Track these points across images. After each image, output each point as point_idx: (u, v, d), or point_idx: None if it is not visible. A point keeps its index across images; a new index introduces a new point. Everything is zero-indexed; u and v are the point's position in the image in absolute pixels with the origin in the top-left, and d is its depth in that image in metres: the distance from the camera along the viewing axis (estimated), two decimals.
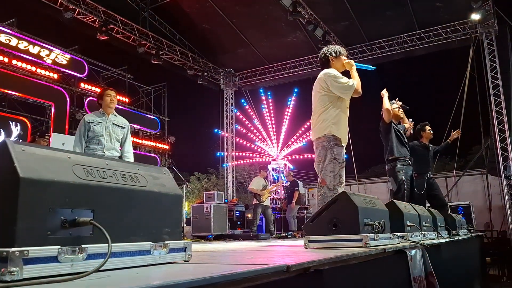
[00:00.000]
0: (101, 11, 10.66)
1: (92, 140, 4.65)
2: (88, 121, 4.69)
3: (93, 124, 4.69)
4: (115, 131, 4.81)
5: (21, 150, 1.26)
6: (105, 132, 4.70)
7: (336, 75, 3.81)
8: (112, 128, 4.78)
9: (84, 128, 4.67)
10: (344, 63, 3.96)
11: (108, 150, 4.69)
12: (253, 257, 2.24)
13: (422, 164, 6.31)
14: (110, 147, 4.72)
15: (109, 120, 4.79)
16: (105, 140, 4.68)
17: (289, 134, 19.90)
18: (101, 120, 4.75)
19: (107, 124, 4.76)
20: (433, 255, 3.20)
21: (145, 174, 1.67)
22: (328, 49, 4.05)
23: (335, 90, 3.79)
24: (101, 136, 4.67)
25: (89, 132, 4.66)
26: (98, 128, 4.68)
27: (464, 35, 11.59)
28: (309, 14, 11.05)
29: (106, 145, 4.66)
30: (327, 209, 2.85)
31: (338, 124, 3.77)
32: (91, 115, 4.83)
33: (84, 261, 1.28)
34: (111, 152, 4.71)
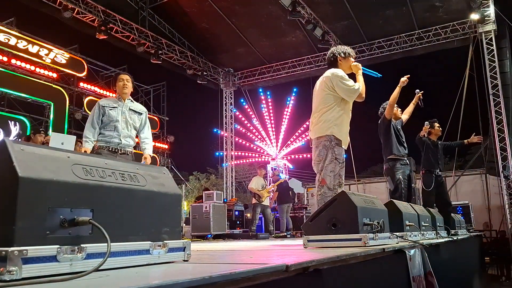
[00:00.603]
0: (100, 10, 10.64)
1: (107, 126, 4.30)
2: (103, 105, 4.34)
3: (108, 109, 4.32)
4: (132, 117, 4.47)
5: (20, 149, 1.26)
6: (121, 118, 4.36)
7: (344, 76, 3.80)
8: (128, 114, 4.43)
9: (98, 112, 4.31)
10: (351, 65, 3.95)
11: (125, 137, 4.36)
12: (252, 256, 2.24)
13: (431, 160, 6.31)
14: (127, 135, 4.38)
15: (125, 106, 4.45)
16: (121, 126, 4.35)
17: (288, 134, 19.91)
18: (116, 105, 4.40)
19: (123, 109, 4.41)
20: (432, 255, 3.20)
21: (144, 173, 1.67)
22: (337, 49, 4.04)
23: (340, 92, 3.77)
24: (117, 121, 4.33)
25: (104, 117, 4.31)
26: (114, 113, 4.33)
27: (463, 35, 11.59)
28: (308, 14, 11.05)
29: (122, 132, 4.33)
30: (326, 209, 2.86)
31: (340, 126, 3.77)
32: (106, 100, 4.49)
33: (83, 260, 1.28)
34: (127, 140, 4.39)
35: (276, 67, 14.34)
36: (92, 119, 4.32)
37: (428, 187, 6.17)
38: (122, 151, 4.33)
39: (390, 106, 5.36)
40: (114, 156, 4.20)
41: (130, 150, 4.44)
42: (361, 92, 3.78)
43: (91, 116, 4.34)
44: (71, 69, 11.05)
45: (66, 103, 10.84)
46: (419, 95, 5.87)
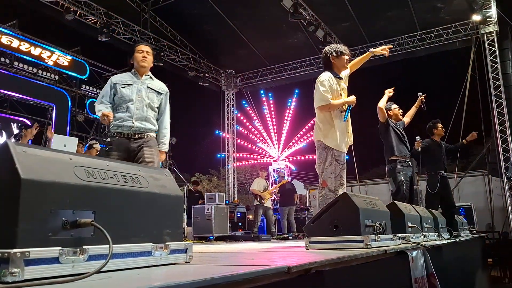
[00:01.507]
0: (102, 12, 10.67)
1: (119, 108, 3.67)
2: (115, 82, 3.72)
3: (120, 86, 3.69)
4: (150, 96, 3.76)
5: (22, 151, 1.26)
6: (136, 97, 3.68)
7: (323, 81, 3.82)
8: (145, 92, 3.74)
9: (109, 90, 3.70)
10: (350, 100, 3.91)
11: (139, 120, 3.67)
12: (254, 258, 2.24)
13: (435, 162, 6.28)
14: (142, 117, 3.68)
15: (143, 83, 3.77)
16: (135, 106, 3.66)
17: (290, 135, 19.88)
18: (131, 82, 3.74)
19: (140, 87, 3.73)
20: (435, 256, 3.19)
21: (146, 175, 1.67)
22: (329, 48, 4.04)
23: (314, 95, 3.82)
24: (130, 101, 3.65)
25: (116, 96, 3.69)
26: (127, 92, 3.67)
27: (465, 36, 11.58)
28: (310, 15, 11.06)
29: (136, 114, 3.65)
30: (328, 210, 2.85)
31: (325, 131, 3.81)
32: (120, 76, 3.82)
33: (85, 262, 1.28)
34: (143, 124, 3.69)
35: (277, 69, 14.35)
36: (100, 99, 3.74)
37: (433, 189, 6.12)
38: (137, 135, 3.66)
39: (379, 110, 5.39)
40: (128, 143, 3.62)
41: (149, 134, 3.74)
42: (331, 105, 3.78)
43: (100, 95, 3.78)
44: (73, 71, 11.08)
45: (68, 105, 10.86)
46: (422, 98, 5.86)
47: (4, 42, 9.49)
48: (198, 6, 11.12)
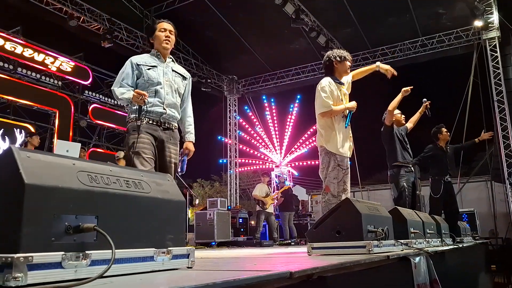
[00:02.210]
0: (105, 18, 10.74)
1: (146, 91, 3.14)
2: (138, 63, 3.24)
3: (146, 68, 3.22)
4: (176, 81, 3.36)
5: (26, 156, 1.27)
6: (164, 80, 3.26)
7: (324, 87, 3.82)
8: (171, 76, 3.34)
9: (131, 72, 3.21)
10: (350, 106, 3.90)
11: (170, 107, 3.24)
12: (256, 264, 2.24)
13: (439, 167, 6.27)
14: (172, 103, 3.26)
15: (167, 65, 3.36)
16: (165, 91, 3.23)
17: (292, 141, 19.88)
18: (156, 64, 3.29)
19: (165, 70, 3.32)
20: (438, 263, 3.18)
21: (149, 180, 1.68)
22: (333, 53, 4.04)
23: (316, 101, 3.83)
24: (159, 85, 3.21)
25: (140, 79, 3.22)
26: (154, 74, 3.22)
27: (467, 41, 11.59)
28: (312, 21, 11.10)
29: (166, 99, 3.22)
30: (331, 216, 2.85)
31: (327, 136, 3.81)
32: (140, 57, 3.34)
33: (88, 267, 1.29)
34: (172, 111, 3.26)
35: (279, 74, 14.38)
36: (119, 82, 3.21)
37: (436, 194, 6.12)
38: (166, 125, 3.23)
39: (389, 113, 5.36)
40: (157, 131, 3.17)
41: (176, 125, 3.35)
42: (332, 111, 3.78)
43: (119, 77, 3.23)
44: (76, 77, 11.12)
45: (71, 111, 10.90)
46: (427, 104, 5.85)
47: (7, 48, 9.54)
48: (200, 12, 11.18)
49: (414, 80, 5.11)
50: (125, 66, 3.25)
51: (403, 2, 10.48)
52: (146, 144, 3.08)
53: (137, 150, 3.02)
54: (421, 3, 10.61)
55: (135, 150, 3.02)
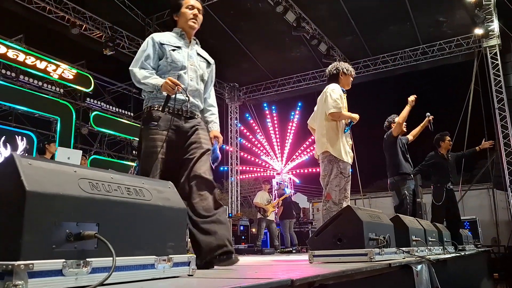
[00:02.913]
0: (107, 26, 10.80)
1: (167, 75, 2.70)
2: (162, 42, 2.79)
3: (170, 48, 2.78)
4: (201, 66, 2.92)
5: (27, 163, 1.27)
6: (189, 64, 2.82)
7: (335, 89, 3.89)
8: (196, 60, 2.90)
9: (153, 51, 2.77)
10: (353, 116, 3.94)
11: (193, 94, 2.82)
12: (257, 271, 2.23)
13: (441, 175, 6.28)
14: (195, 90, 2.83)
15: (192, 48, 2.92)
16: (189, 76, 2.80)
17: (294, 148, 19.91)
18: (180, 44, 2.85)
19: (190, 52, 2.88)
20: (440, 271, 3.16)
21: (150, 188, 1.68)
22: (342, 64, 4.13)
23: (327, 102, 3.84)
24: (183, 69, 2.78)
25: (162, 60, 2.77)
26: (179, 56, 2.79)
27: (467, 49, 11.63)
28: (313, 29, 11.14)
29: (190, 86, 2.79)
30: (332, 224, 2.84)
31: (335, 144, 3.81)
32: (163, 35, 2.87)
33: (89, 274, 1.28)
34: (196, 100, 2.85)
35: (281, 82, 14.42)
36: (141, 62, 2.76)
37: (438, 201, 6.13)
38: (189, 114, 2.79)
39: (398, 125, 5.35)
40: (179, 122, 2.73)
41: (199, 114, 2.93)
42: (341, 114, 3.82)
43: (140, 57, 2.78)
44: (78, 84, 11.16)
45: (73, 118, 10.92)
46: (430, 118, 5.85)
47: (10, 56, 9.60)
48: (202, 20, 11.23)
49: (415, 88, 5.11)
50: (146, 44, 2.80)
51: (404, 10, 10.53)
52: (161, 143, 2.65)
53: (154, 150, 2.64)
54: (422, 11, 10.66)
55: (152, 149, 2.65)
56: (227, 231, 2.62)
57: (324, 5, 10.69)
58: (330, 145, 3.80)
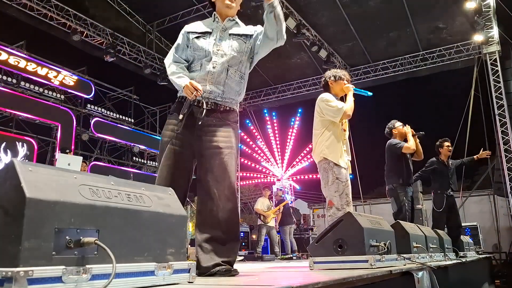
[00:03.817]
0: (108, 33, 10.85)
1: (193, 65, 2.67)
2: (189, 30, 2.71)
3: (194, 36, 2.67)
4: (234, 47, 2.66)
5: (28, 170, 1.27)
6: (215, 50, 2.62)
7: (328, 99, 3.93)
8: (229, 43, 2.66)
9: (181, 41, 2.71)
10: (343, 87, 4.03)
11: (216, 84, 2.60)
12: (257, 278, 2.22)
13: (441, 181, 6.28)
14: (220, 78, 2.61)
15: (223, 29, 2.70)
16: (212, 63, 2.60)
17: (294, 154, 19.92)
18: (209, 29, 2.70)
19: (219, 35, 2.67)
20: (441, 277, 3.15)
21: (150, 194, 1.68)
22: (329, 73, 4.18)
23: (326, 113, 3.90)
24: (206, 56, 2.62)
25: (189, 49, 2.67)
26: (203, 43, 2.64)
27: (467, 56, 11.66)
28: (313, 36, 11.19)
29: (211, 73, 2.58)
30: (332, 230, 2.84)
31: (331, 148, 3.82)
32: (195, 23, 2.77)
33: (89, 281, 1.28)
34: (219, 89, 2.62)
35: (281, 88, 14.45)
36: (172, 54, 2.73)
37: (439, 208, 6.12)
38: (209, 105, 2.57)
39: (409, 150, 5.32)
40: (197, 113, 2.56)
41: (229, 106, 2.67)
42: (346, 111, 3.84)
43: (173, 49, 2.75)
44: (79, 91, 11.19)
45: (73, 124, 10.94)
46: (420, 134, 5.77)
47: (11, 62, 9.63)
48: None
49: (415, 94, 5.11)
50: (179, 36, 2.74)
51: (404, 17, 10.58)
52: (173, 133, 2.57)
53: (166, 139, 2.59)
54: (422, 17, 10.71)
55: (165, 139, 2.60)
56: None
57: (325, 12, 10.74)
58: (329, 151, 3.81)
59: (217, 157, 2.51)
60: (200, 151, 2.56)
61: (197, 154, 2.58)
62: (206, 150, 2.54)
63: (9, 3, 9.06)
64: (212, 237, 2.46)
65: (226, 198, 2.49)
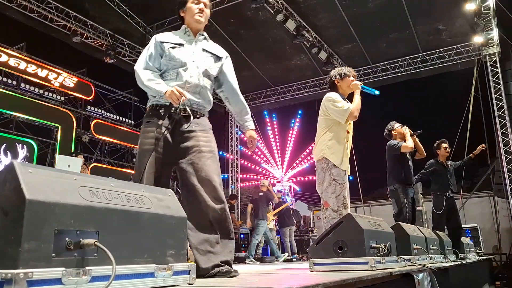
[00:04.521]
0: (108, 35, 10.86)
1: (166, 74, 2.72)
2: (162, 40, 2.75)
3: (169, 46, 2.73)
4: (206, 61, 2.81)
5: (28, 171, 1.27)
6: (190, 60, 2.72)
7: (335, 99, 3.84)
8: (201, 56, 2.80)
9: (154, 51, 2.73)
10: (351, 84, 3.92)
11: (193, 92, 2.70)
12: (257, 280, 2.22)
13: (441, 183, 6.27)
14: (195, 87, 2.71)
15: (196, 43, 2.84)
16: (189, 73, 2.69)
17: (294, 156, 19.93)
18: (183, 41, 2.79)
19: (194, 48, 2.80)
20: (441, 279, 3.14)
21: (150, 195, 1.68)
22: (334, 71, 4.09)
23: (332, 113, 3.83)
24: (183, 66, 2.70)
25: (163, 59, 2.73)
26: (178, 53, 2.72)
27: (467, 57, 11.67)
28: (313, 37, 11.19)
29: (188, 82, 2.67)
30: (332, 232, 2.83)
31: (332, 149, 3.78)
32: (166, 34, 2.84)
33: (88, 283, 1.28)
34: (197, 97, 2.72)
35: (281, 90, 14.45)
36: (144, 61, 2.73)
37: (438, 209, 6.11)
38: (185, 112, 2.63)
39: (408, 149, 5.30)
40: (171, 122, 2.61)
41: (204, 112, 2.82)
42: (352, 111, 3.74)
43: (144, 57, 2.76)
44: (79, 92, 11.20)
45: (73, 126, 10.94)
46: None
47: (11, 64, 9.64)
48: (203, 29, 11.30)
49: (415, 96, 5.12)
50: (150, 44, 2.78)
51: (404, 18, 10.58)
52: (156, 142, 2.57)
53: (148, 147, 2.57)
54: (421, 19, 10.72)
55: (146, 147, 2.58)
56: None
57: (324, 14, 10.75)
58: (331, 152, 3.78)
59: (200, 161, 2.58)
60: (183, 157, 2.61)
61: (178, 160, 2.62)
62: (189, 155, 2.60)
63: (9, 5, 9.07)
64: (206, 239, 2.47)
65: (214, 198, 2.51)
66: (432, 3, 10.13)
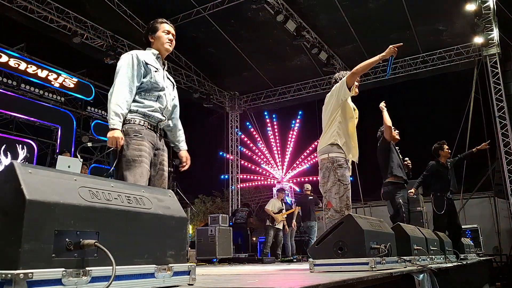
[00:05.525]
0: (108, 35, 10.86)
1: (148, 94, 2.85)
2: (145, 61, 2.87)
3: (154, 70, 2.89)
4: (169, 88, 3.05)
5: (28, 172, 1.27)
6: (164, 86, 2.94)
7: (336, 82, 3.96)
8: (168, 83, 3.04)
9: (137, 69, 2.82)
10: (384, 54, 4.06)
11: (167, 115, 3.00)
12: (258, 280, 2.22)
13: (442, 184, 6.26)
14: (168, 113, 3.02)
15: (164, 71, 3.04)
16: (166, 99, 2.94)
17: (294, 157, 19.90)
18: (158, 67, 2.95)
19: (164, 74, 3.01)
20: (441, 280, 3.14)
21: (150, 196, 1.67)
22: (340, 74, 4.16)
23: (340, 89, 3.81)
24: (162, 90, 2.90)
25: (147, 80, 2.85)
26: (159, 78, 2.90)
27: (467, 58, 11.66)
28: (313, 38, 11.19)
29: (166, 107, 2.94)
30: (333, 232, 2.83)
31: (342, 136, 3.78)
32: (146, 54, 2.96)
33: (88, 283, 1.28)
34: (168, 123, 3.08)
35: (281, 90, 14.45)
36: (129, 79, 2.81)
37: (439, 210, 6.10)
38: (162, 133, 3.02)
39: (388, 128, 5.33)
40: (154, 138, 2.88)
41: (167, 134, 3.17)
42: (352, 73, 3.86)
43: (127, 74, 2.82)
44: (79, 93, 11.21)
45: (73, 127, 10.94)
46: None
47: (12, 65, 9.64)
48: (203, 29, 11.29)
49: (415, 96, 5.11)
50: (132, 61, 2.83)
51: (404, 19, 10.58)
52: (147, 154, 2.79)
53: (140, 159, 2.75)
54: (422, 20, 10.71)
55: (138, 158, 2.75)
56: None
57: (325, 14, 10.75)
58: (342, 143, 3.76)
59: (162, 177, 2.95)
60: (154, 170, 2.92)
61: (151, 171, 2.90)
62: (158, 170, 2.94)
63: (9, 5, 9.07)
64: None
65: None
66: (432, 4, 10.13)
